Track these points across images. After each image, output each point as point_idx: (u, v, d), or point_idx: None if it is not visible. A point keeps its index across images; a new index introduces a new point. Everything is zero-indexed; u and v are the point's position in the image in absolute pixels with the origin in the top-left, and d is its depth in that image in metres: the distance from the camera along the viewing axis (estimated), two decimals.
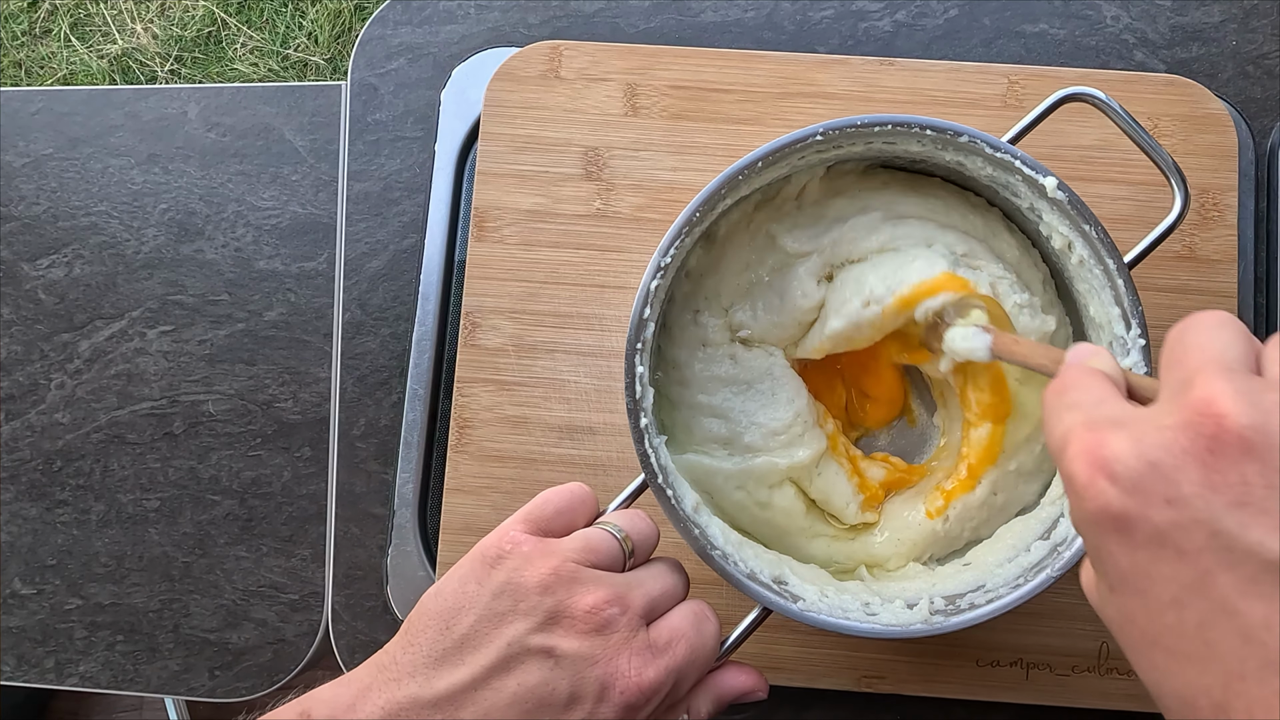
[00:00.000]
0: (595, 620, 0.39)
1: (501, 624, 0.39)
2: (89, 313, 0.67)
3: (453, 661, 0.39)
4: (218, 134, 0.68)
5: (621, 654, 0.39)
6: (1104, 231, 0.47)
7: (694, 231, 0.49)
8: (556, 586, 0.40)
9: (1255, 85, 0.63)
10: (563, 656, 0.39)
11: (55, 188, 0.69)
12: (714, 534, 0.49)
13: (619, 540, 0.43)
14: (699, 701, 0.43)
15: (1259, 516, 0.25)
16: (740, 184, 0.50)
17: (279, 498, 0.65)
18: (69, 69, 1.50)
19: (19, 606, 0.65)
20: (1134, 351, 0.47)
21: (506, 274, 0.60)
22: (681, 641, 0.41)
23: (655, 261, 0.48)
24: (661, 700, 0.40)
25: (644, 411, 0.48)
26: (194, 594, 0.65)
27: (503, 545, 0.41)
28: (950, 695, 0.57)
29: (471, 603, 0.40)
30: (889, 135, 0.49)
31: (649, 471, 0.47)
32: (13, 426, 0.67)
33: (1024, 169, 0.48)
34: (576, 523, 0.44)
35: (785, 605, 0.46)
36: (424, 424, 0.62)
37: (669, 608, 0.42)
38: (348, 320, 0.64)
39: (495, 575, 0.40)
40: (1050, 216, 0.50)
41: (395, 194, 0.65)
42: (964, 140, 0.49)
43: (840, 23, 0.65)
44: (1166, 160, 0.50)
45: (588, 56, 0.61)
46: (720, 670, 0.45)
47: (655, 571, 0.43)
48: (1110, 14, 0.64)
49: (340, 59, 1.47)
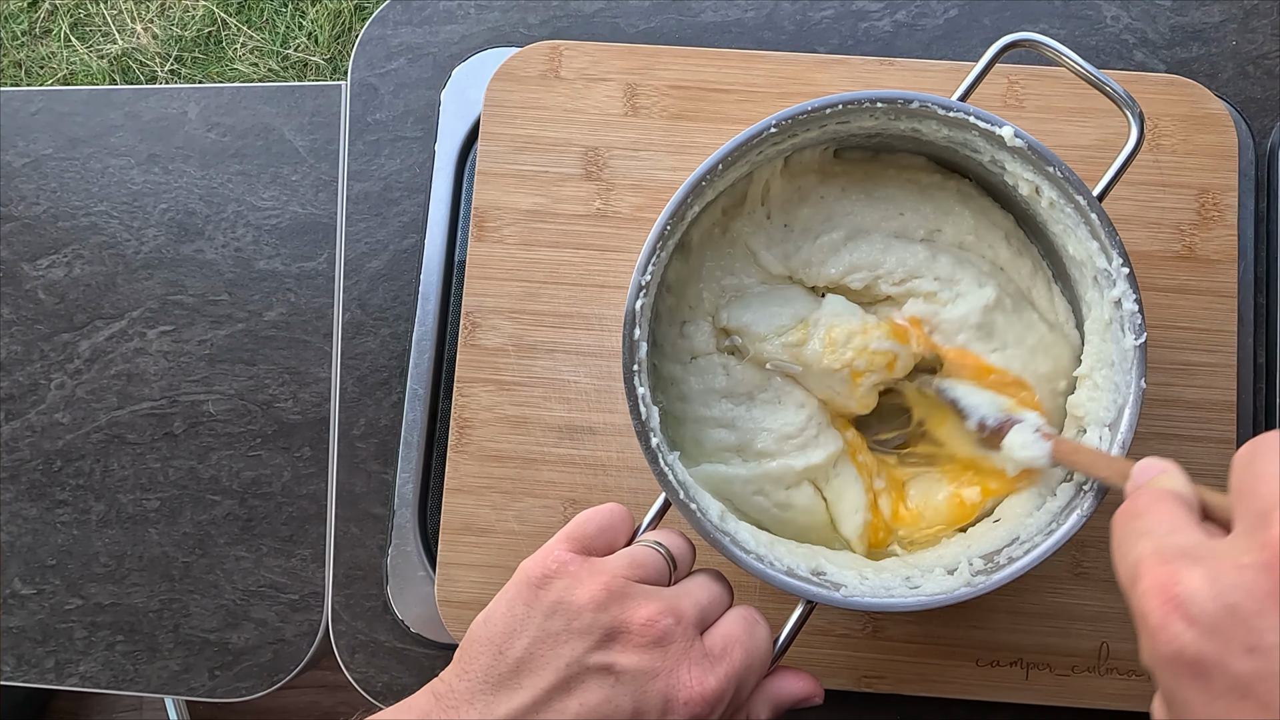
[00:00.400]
0: (652, 633, 0.39)
1: (557, 644, 0.38)
2: (89, 313, 0.67)
3: (510, 686, 0.38)
4: (218, 134, 0.68)
5: (681, 665, 0.39)
6: (1068, 170, 0.47)
7: (668, 244, 0.49)
8: (609, 603, 0.39)
9: (1255, 85, 0.63)
10: (623, 673, 0.38)
11: (55, 188, 0.69)
12: (744, 538, 0.48)
13: (663, 554, 0.43)
14: (757, 708, 0.43)
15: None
16: (705, 189, 0.50)
17: (279, 498, 0.65)
18: (69, 69, 1.50)
19: (19, 606, 0.65)
20: (1120, 282, 0.47)
21: (506, 274, 0.60)
22: (737, 646, 0.41)
23: (635, 281, 0.48)
24: (725, 708, 0.40)
25: (653, 432, 0.48)
26: (194, 594, 0.65)
27: (549, 566, 0.41)
28: (950, 695, 0.57)
29: (523, 626, 0.39)
30: (841, 115, 0.49)
31: (669, 489, 0.47)
32: (13, 426, 0.67)
33: (979, 123, 0.48)
34: (618, 541, 0.44)
35: (828, 595, 0.46)
36: (424, 424, 0.62)
37: (719, 615, 0.42)
38: (348, 320, 0.64)
39: (545, 596, 0.40)
40: (1013, 165, 0.50)
41: (395, 194, 0.65)
42: (915, 106, 0.49)
43: (840, 23, 0.65)
44: (1118, 92, 0.49)
45: (588, 56, 0.61)
46: (776, 675, 0.44)
47: (700, 581, 0.43)
48: (1110, 14, 0.64)
49: (340, 59, 1.47)
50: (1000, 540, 0.49)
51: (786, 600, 0.46)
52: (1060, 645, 0.56)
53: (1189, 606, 0.27)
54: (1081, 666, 0.56)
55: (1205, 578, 0.27)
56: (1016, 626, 0.57)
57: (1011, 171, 0.50)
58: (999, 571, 0.46)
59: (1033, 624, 0.57)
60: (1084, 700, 0.56)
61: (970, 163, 0.52)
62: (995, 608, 0.57)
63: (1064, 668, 0.56)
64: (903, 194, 0.54)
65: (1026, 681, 0.56)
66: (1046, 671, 0.56)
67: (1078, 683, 0.56)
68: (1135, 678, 0.56)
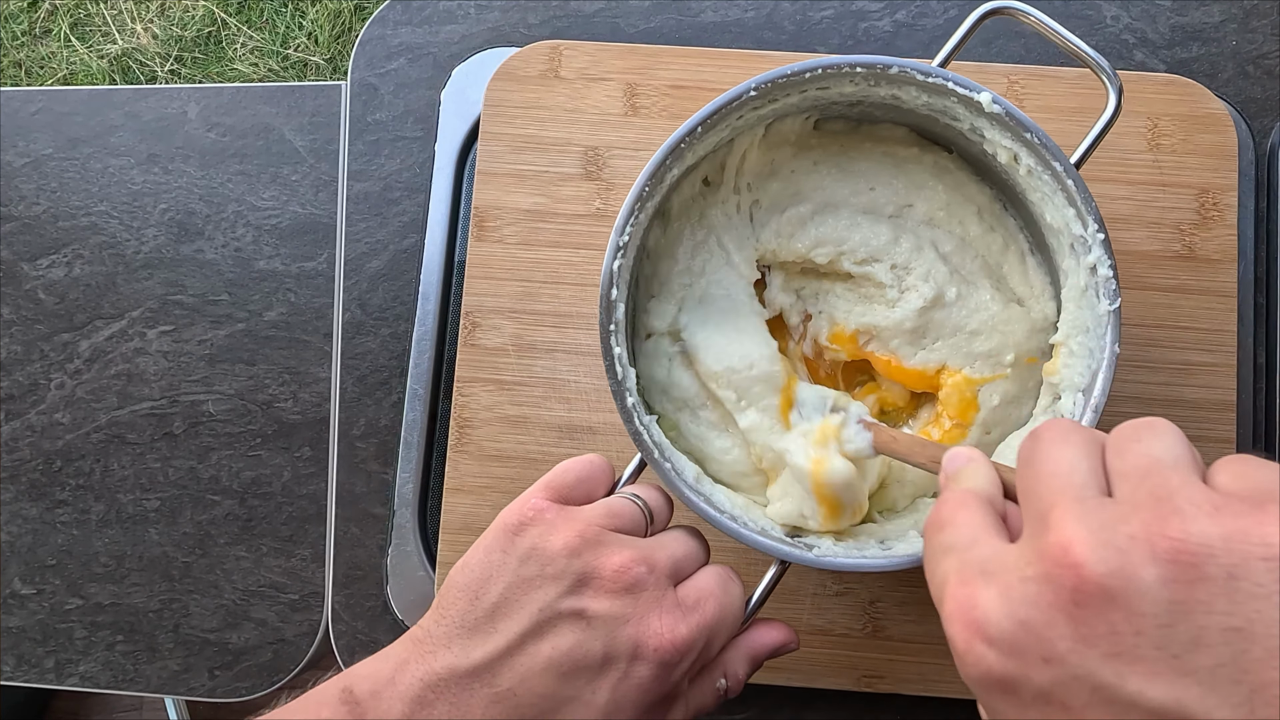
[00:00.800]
0: (624, 580, 0.39)
1: (530, 590, 0.39)
2: (89, 313, 0.67)
3: (485, 630, 0.39)
4: (218, 134, 0.68)
5: (652, 612, 0.39)
6: (1045, 137, 0.47)
7: (646, 207, 0.49)
8: (583, 549, 0.40)
9: (1255, 85, 0.63)
10: (594, 618, 0.39)
11: (55, 188, 0.69)
12: (719, 499, 0.49)
13: (640, 507, 0.44)
14: (734, 664, 0.43)
15: (1133, 665, 0.25)
16: (684, 152, 0.50)
17: (279, 498, 0.65)
18: (69, 69, 1.50)
19: (19, 606, 0.65)
20: (1095, 247, 0.47)
21: (506, 274, 0.60)
22: (710, 599, 0.41)
23: (613, 241, 0.48)
24: (695, 659, 0.40)
25: (629, 391, 0.48)
26: (194, 594, 0.65)
27: (525, 513, 0.41)
28: (950, 695, 0.57)
29: (499, 571, 0.40)
30: (821, 80, 0.49)
31: (644, 449, 0.47)
32: (13, 426, 0.67)
33: (957, 89, 0.48)
34: (596, 492, 0.44)
35: (801, 555, 0.46)
36: (424, 424, 0.62)
37: (693, 571, 0.43)
38: (348, 320, 0.64)
39: (520, 542, 0.40)
40: (992, 133, 0.50)
41: (395, 194, 0.65)
42: (895, 72, 0.49)
43: (840, 23, 0.65)
44: (1097, 60, 0.49)
45: (588, 56, 0.61)
46: (750, 630, 0.45)
47: (676, 535, 0.44)
48: (1110, 14, 0.64)
49: (340, 59, 1.47)
50: None
51: (762, 564, 0.47)
52: None
53: (987, 628, 0.28)
54: None
55: (998, 597, 0.28)
56: None
57: (990, 140, 0.50)
58: None
59: None
60: None
61: (951, 132, 0.52)
62: None
63: None
64: (877, 168, 0.54)
65: None
66: None
67: None
68: None
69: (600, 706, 0.38)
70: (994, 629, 0.28)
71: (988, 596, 0.28)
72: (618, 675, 0.39)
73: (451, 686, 0.38)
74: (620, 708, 0.39)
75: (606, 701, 0.38)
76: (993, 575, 0.29)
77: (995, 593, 0.28)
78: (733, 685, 0.43)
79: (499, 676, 0.38)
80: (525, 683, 0.38)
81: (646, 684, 0.39)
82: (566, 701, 0.38)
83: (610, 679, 0.39)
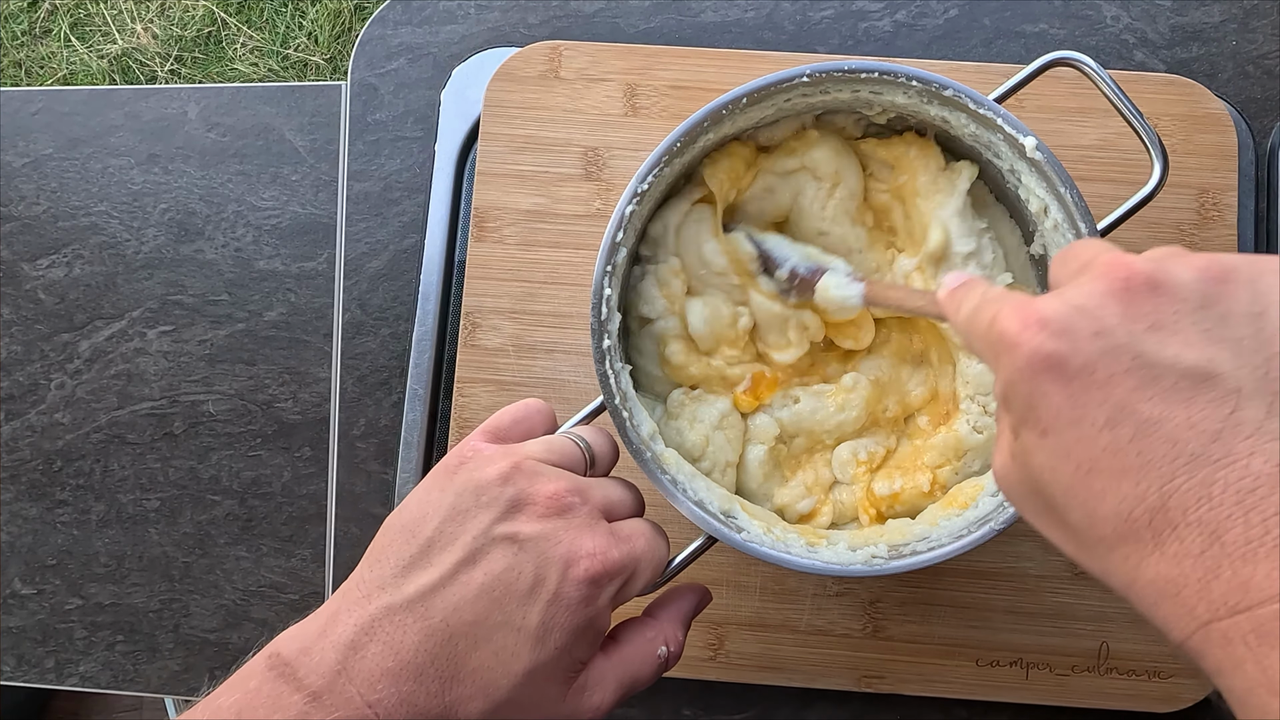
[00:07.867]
0: (556, 505, 0.40)
1: (466, 520, 0.39)
2: (89, 313, 0.67)
3: (420, 566, 0.39)
4: (218, 134, 0.68)
5: (584, 533, 0.40)
6: (1079, 196, 0.48)
7: (674, 163, 0.50)
8: (517, 477, 0.40)
9: (1255, 85, 0.63)
10: (526, 540, 0.39)
11: (55, 188, 0.69)
12: (667, 461, 0.49)
13: (580, 447, 0.44)
14: (668, 629, 0.44)
15: (1171, 336, 0.29)
16: (724, 119, 0.50)
17: (279, 498, 0.65)
18: (69, 69, 1.50)
19: (19, 606, 0.65)
20: None
21: (506, 274, 0.60)
22: (640, 536, 0.41)
23: (632, 187, 0.49)
24: (619, 590, 0.40)
25: (608, 334, 0.48)
26: (194, 594, 0.65)
27: (464, 454, 0.42)
28: (950, 695, 0.57)
29: (435, 509, 0.40)
30: (875, 84, 0.50)
31: (608, 393, 0.47)
32: (13, 426, 0.67)
33: (1005, 127, 0.49)
34: (534, 431, 0.44)
35: (729, 535, 0.47)
36: (424, 424, 0.62)
37: (624, 517, 0.43)
38: (348, 320, 0.64)
39: (456, 480, 0.40)
40: (1029, 179, 0.50)
41: (395, 194, 0.65)
42: (949, 94, 0.49)
43: (840, 23, 0.65)
44: (1149, 132, 0.50)
45: (588, 56, 0.61)
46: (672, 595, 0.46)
47: (613, 481, 0.44)
48: (1110, 14, 0.64)
49: (340, 59, 1.47)
50: (913, 536, 0.50)
51: (695, 535, 0.48)
52: (1060, 645, 0.56)
53: (1044, 316, 0.31)
54: (1081, 666, 0.56)
55: (1057, 299, 0.31)
56: (1016, 626, 0.57)
57: (1026, 185, 0.51)
58: (898, 560, 0.47)
59: (1033, 624, 0.57)
60: (1084, 700, 0.56)
61: (991, 170, 0.53)
62: (995, 608, 0.57)
63: (1064, 667, 0.56)
64: None
65: (1026, 681, 0.56)
66: (1046, 671, 0.56)
67: (1078, 682, 0.56)
68: (1135, 677, 0.56)
69: (531, 630, 0.38)
70: (1051, 314, 0.31)
71: (1047, 300, 0.31)
72: (548, 596, 0.38)
73: (385, 625, 0.37)
74: (549, 630, 0.38)
75: (537, 625, 0.38)
76: (1045, 298, 0.32)
77: (1054, 297, 0.31)
78: (674, 650, 0.44)
79: (431, 607, 0.38)
80: (458, 611, 0.38)
81: (574, 605, 0.39)
82: (498, 627, 0.38)
83: (541, 600, 0.38)
